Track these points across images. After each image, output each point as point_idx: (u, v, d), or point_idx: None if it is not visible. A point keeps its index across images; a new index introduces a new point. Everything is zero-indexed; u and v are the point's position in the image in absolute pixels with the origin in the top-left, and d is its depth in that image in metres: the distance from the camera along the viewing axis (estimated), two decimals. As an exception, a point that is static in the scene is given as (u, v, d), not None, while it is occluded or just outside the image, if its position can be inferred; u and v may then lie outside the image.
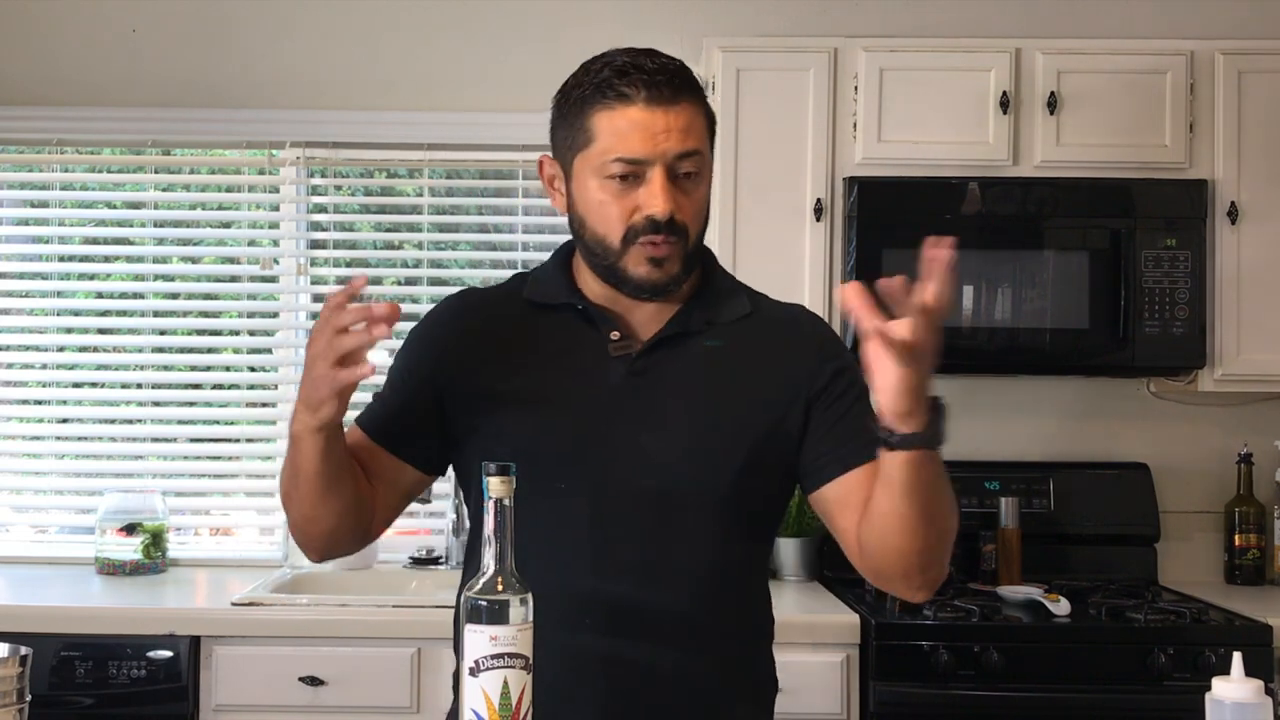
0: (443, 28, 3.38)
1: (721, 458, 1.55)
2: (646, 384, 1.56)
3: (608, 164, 1.50)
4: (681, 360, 1.58)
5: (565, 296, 1.61)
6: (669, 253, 1.52)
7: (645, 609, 1.53)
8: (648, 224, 1.50)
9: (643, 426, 1.55)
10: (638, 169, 1.50)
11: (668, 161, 1.50)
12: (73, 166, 3.47)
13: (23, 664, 1.38)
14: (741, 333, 1.62)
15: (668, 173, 1.50)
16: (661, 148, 1.49)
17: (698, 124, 1.53)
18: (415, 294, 3.46)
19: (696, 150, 1.52)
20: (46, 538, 3.43)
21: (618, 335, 1.58)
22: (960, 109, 3.00)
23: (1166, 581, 3.18)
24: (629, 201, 1.51)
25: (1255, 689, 1.30)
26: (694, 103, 1.53)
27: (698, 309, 1.61)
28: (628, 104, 1.49)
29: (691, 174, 1.52)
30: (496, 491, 1.29)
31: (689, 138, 1.51)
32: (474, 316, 1.65)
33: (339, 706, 2.67)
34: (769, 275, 2.92)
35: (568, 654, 1.51)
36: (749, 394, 1.58)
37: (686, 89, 1.52)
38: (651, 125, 1.49)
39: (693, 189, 1.53)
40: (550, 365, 1.59)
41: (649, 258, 1.52)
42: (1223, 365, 3.00)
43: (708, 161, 1.56)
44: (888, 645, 2.64)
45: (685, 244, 1.53)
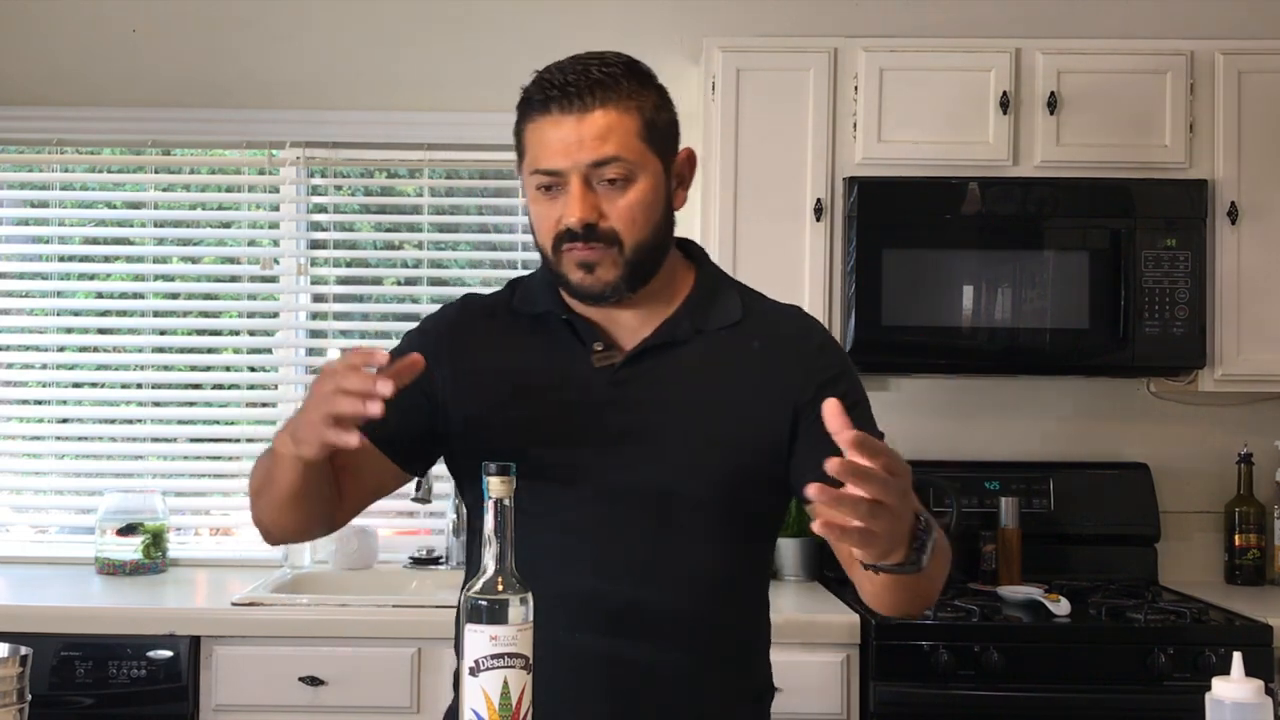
0: (443, 28, 3.38)
1: (705, 468, 1.54)
2: (629, 395, 1.56)
3: (533, 176, 1.53)
4: (665, 370, 1.57)
5: (549, 305, 1.61)
6: (597, 257, 1.52)
7: (638, 613, 1.52)
8: (566, 233, 1.51)
9: (626, 438, 1.54)
10: (557, 180, 1.51)
11: (582, 171, 1.50)
12: (73, 166, 3.47)
13: (23, 664, 1.38)
14: (732, 340, 1.60)
15: (585, 181, 1.50)
16: (574, 158, 1.50)
17: (619, 130, 1.50)
18: (415, 294, 3.46)
19: (615, 157, 1.50)
20: (46, 538, 3.43)
21: (600, 346, 1.58)
22: (960, 109, 3.00)
23: (1166, 581, 3.18)
24: (554, 211, 1.52)
25: (1255, 689, 1.30)
26: (615, 108, 1.51)
27: (685, 316, 1.60)
28: (544, 116, 1.51)
29: (616, 180, 1.51)
30: (496, 491, 1.29)
31: (605, 145, 1.49)
32: (470, 324, 1.66)
33: (339, 706, 2.67)
34: (769, 275, 2.92)
35: (564, 655, 1.51)
36: (734, 404, 1.57)
37: (604, 95, 1.50)
38: (565, 135, 1.50)
39: (618, 195, 1.51)
40: (535, 377, 1.59)
41: (577, 262, 1.53)
42: (1223, 365, 3.00)
43: (642, 167, 1.52)
44: (888, 645, 2.64)
45: (620, 250, 1.52)
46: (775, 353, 1.60)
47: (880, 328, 2.96)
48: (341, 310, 3.47)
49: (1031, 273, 2.98)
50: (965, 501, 3.13)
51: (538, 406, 1.57)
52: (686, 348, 1.58)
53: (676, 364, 1.58)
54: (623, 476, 1.53)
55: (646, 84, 1.55)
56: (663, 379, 1.57)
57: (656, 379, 1.57)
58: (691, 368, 1.58)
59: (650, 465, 1.53)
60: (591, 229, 1.50)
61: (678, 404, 1.56)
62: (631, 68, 1.55)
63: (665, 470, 1.54)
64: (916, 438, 3.27)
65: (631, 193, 1.52)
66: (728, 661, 1.59)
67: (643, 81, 1.55)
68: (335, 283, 3.44)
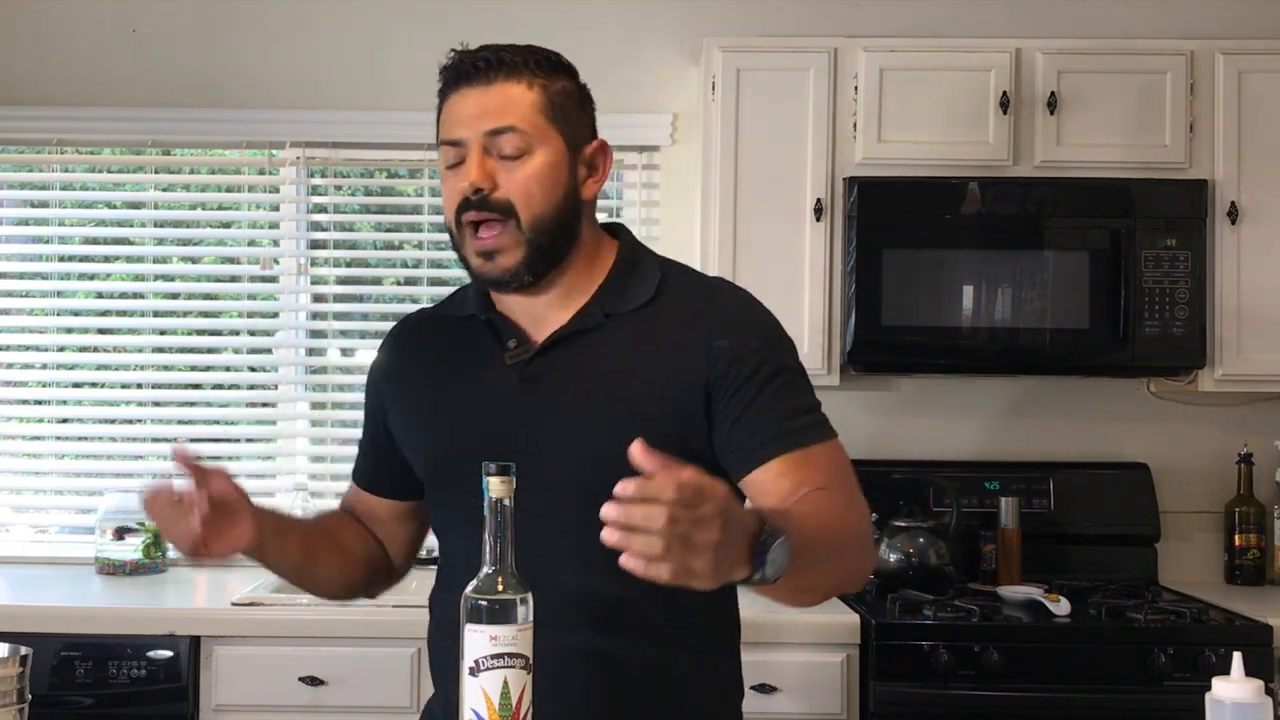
0: (443, 28, 3.37)
1: (619, 457, 1.48)
2: (537, 389, 1.56)
3: (441, 150, 1.56)
4: (575, 360, 1.56)
5: (471, 308, 1.63)
6: (497, 243, 1.52)
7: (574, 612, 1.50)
8: (462, 203, 1.52)
9: (539, 432, 1.53)
10: (459, 151, 1.54)
11: (480, 139, 1.52)
12: (73, 166, 3.47)
13: (23, 664, 1.38)
14: (643, 321, 1.57)
15: (483, 150, 1.52)
16: (474, 127, 1.52)
17: (522, 103, 1.53)
18: (415, 294, 3.45)
19: (511, 126, 1.52)
20: (46, 538, 3.42)
21: (514, 344, 1.58)
22: (960, 109, 3.00)
23: (1166, 581, 3.18)
24: (457, 182, 1.54)
25: (1255, 689, 1.30)
26: (518, 83, 1.54)
27: (596, 303, 1.58)
28: (454, 90, 1.56)
29: (514, 153, 1.52)
30: (496, 491, 1.29)
31: (505, 115, 1.52)
32: (405, 342, 1.72)
33: (339, 706, 2.67)
34: (769, 275, 2.95)
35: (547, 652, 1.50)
36: (645, 386, 1.53)
37: (508, 71, 1.54)
38: (466, 107, 1.54)
39: (516, 168, 1.52)
40: (453, 380, 1.62)
41: (477, 250, 1.54)
42: (1223, 365, 3.00)
43: (541, 140, 1.53)
44: (888, 645, 2.64)
45: (517, 224, 1.52)
46: (684, 328, 1.56)
47: (880, 328, 2.96)
48: (341, 310, 3.47)
49: (1031, 273, 2.98)
50: (965, 501, 3.13)
51: (457, 411, 1.60)
52: (597, 334, 1.57)
53: (586, 352, 1.56)
54: (542, 469, 1.50)
55: (558, 70, 1.58)
56: (572, 369, 1.56)
57: (566, 369, 1.56)
58: (601, 354, 1.56)
59: (568, 454, 1.52)
60: (484, 197, 1.51)
61: (588, 391, 1.55)
62: (547, 55, 1.58)
63: (584, 458, 1.51)
64: (916, 438, 3.28)
65: (528, 166, 1.53)
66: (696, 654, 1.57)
67: (554, 68, 1.57)
68: (335, 283, 3.44)
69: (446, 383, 1.63)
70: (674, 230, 3.28)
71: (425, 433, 1.64)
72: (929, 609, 2.70)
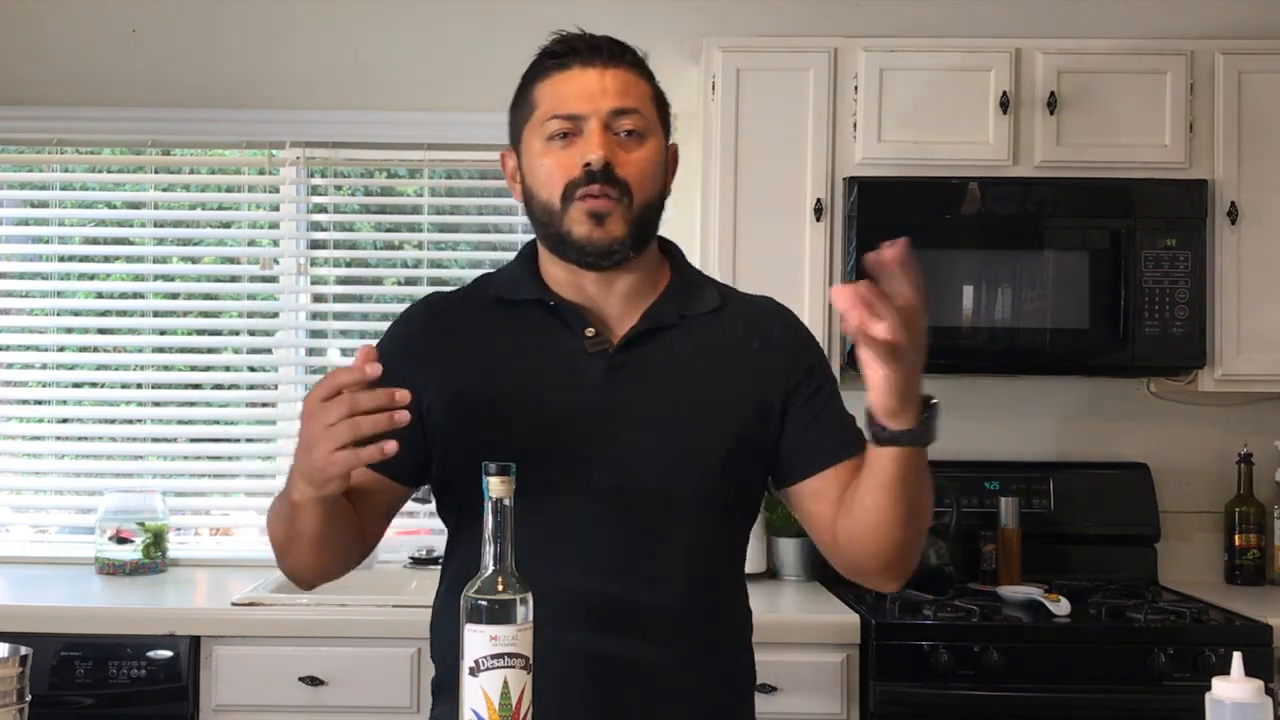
0: (442, 28, 3.38)
1: (702, 452, 1.55)
2: (624, 380, 1.55)
3: (548, 124, 1.54)
4: (657, 355, 1.57)
5: (534, 292, 1.60)
6: (608, 207, 1.51)
7: (631, 605, 1.52)
8: (584, 175, 1.51)
9: (623, 423, 1.54)
10: (575, 125, 1.53)
11: (603, 116, 1.52)
12: (73, 166, 3.47)
13: (23, 664, 1.38)
14: (714, 325, 1.61)
15: (605, 126, 1.52)
16: (597, 103, 1.52)
17: (638, 89, 1.56)
18: (415, 294, 3.43)
19: (635, 109, 1.54)
20: (46, 538, 3.43)
21: (592, 332, 1.57)
22: (960, 109, 3.00)
23: (1166, 581, 3.18)
24: (567, 158, 1.53)
25: (1255, 689, 1.30)
26: (634, 71, 1.57)
27: (669, 302, 1.60)
28: (565, 68, 1.55)
29: (633, 132, 1.53)
30: (496, 491, 1.29)
31: (627, 96, 1.54)
32: (444, 320, 1.64)
33: (339, 706, 2.67)
34: (769, 275, 2.95)
35: (552, 652, 1.50)
36: (727, 388, 1.58)
37: (625, 58, 1.56)
38: (587, 84, 1.53)
39: (635, 147, 1.54)
40: (524, 364, 1.57)
41: (588, 212, 1.51)
42: (1223, 365, 3.00)
43: (654, 129, 1.56)
44: (888, 645, 2.64)
45: (629, 204, 1.53)
46: (759, 335, 1.62)
47: (880, 328, 2.95)
48: (341, 310, 3.47)
49: (1031, 273, 2.98)
50: (965, 501, 3.13)
51: (534, 392, 1.55)
52: (673, 333, 1.59)
53: (666, 350, 1.58)
54: (620, 463, 1.52)
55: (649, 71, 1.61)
56: (655, 364, 1.57)
57: (649, 364, 1.57)
58: (681, 353, 1.58)
59: (644, 448, 1.53)
60: (609, 169, 1.51)
61: (671, 388, 1.56)
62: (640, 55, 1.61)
63: (660, 452, 1.53)
64: (916, 438, 3.27)
65: (646, 149, 1.55)
66: (713, 653, 1.58)
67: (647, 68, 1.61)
68: (335, 283, 3.44)
69: (520, 365, 1.57)
70: (674, 230, 3.20)
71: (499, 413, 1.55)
72: (929, 609, 2.70)
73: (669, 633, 1.53)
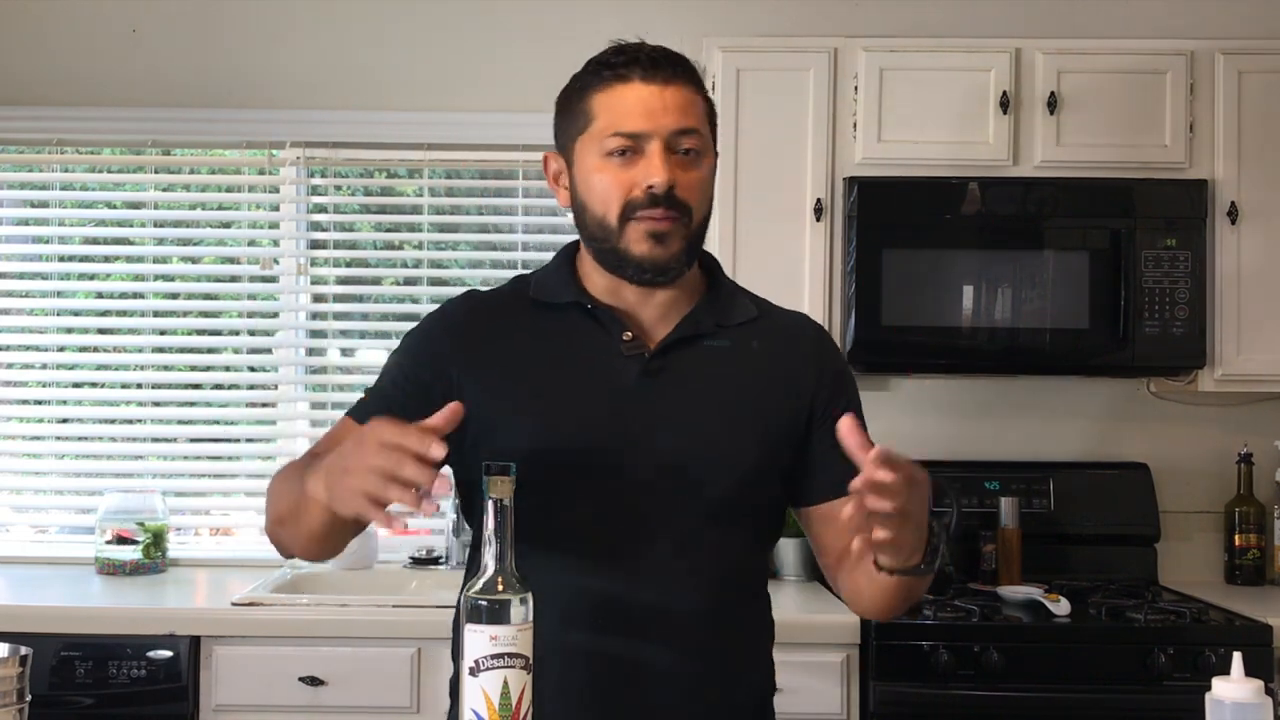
0: (443, 28, 3.38)
1: (731, 460, 1.55)
2: (660, 384, 1.56)
3: (607, 140, 1.52)
4: (693, 362, 1.58)
5: (572, 295, 1.60)
6: (670, 229, 1.51)
7: (655, 609, 1.53)
8: (647, 197, 1.50)
9: (657, 427, 1.54)
10: (636, 143, 1.51)
11: (665, 136, 1.51)
12: (73, 166, 3.47)
13: (23, 664, 1.38)
14: (749, 336, 1.62)
15: (666, 147, 1.51)
16: (660, 122, 1.50)
17: (697, 107, 1.55)
18: (415, 294, 3.46)
19: (695, 129, 1.53)
20: (46, 538, 3.42)
21: (630, 336, 1.57)
22: (960, 109, 3.00)
23: (1166, 581, 3.18)
24: (627, 177, 1.51)
25: (1255, 689, 1.30)
26: (693, 87, 1.55)
27: (707, 311, 1.61)
28: (625, 82, 1.52)
29: (691, 151, 1.53)
30: (497, 491, 1.29)
31: (688, 116, 1.52)
32: (481, 318, 1.63)
33: (339, 706, 2.67)
34: (769, 275, 2.94)
35: (576, 654, 1.51)
36: (758, 397, 1.59)
37: (685, 73, 1.55)
38: (649, 101, 1.51)
39: (693, 167, 1.53)
40: (561, 365, 1.57)
41: (649, 232, 1.51)
42: (1223, 365, 3.00)
43: (709, 147, 1.57)
44: (888, 645, 2.64)
45: (689, 223, 1.53)
46: (791, 349, 1.63)
47: (880, 328, 2.96)
48: (341, 310, 3.47)
49: (1031, 273, 2.98)
50: (965, 501, 3.13)
51: (569, 394, 1.55)
52: (710, 342, 1.60)
53: (702, 357, 1.59)
54: (651, 467, 1.53)
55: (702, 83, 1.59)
56: (691, 371, 1.57)
57: (685, 370, 1.57)
58: (717, 361, 1.59)
59: (678, 452, 1.53)
60: (671, 193, 1.50)
61: (705, 395, 1.57)
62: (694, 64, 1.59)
63: (693, 457, 1.54)
64: (916, 438, 3.27)
65: (704, 169, 1.56)
66: (733, 660, 1.59)
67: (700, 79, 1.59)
68: (335, 283, 3.44)
69: (556, 366, 1.57)
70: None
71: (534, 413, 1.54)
72: (929, 609, 2.70)
73: (684, 638, 1.54)
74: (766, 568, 1.70)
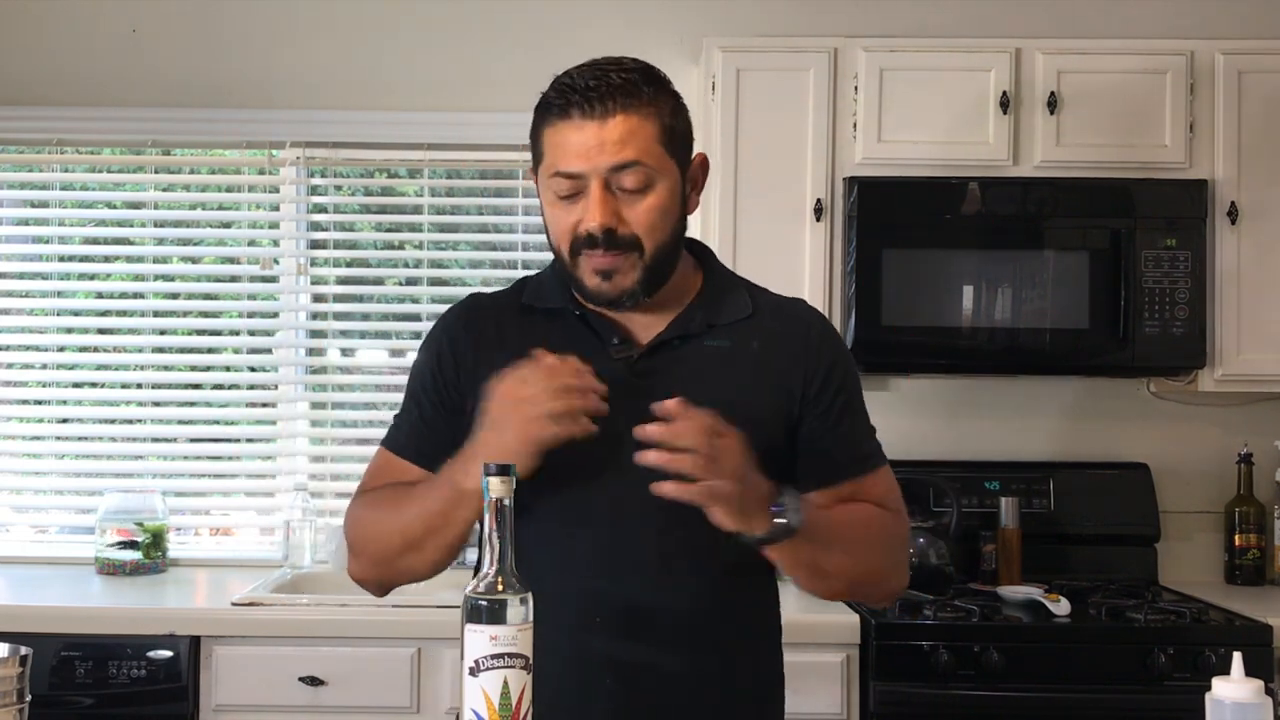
0: (442, 28, 3.38)
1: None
2: (648, 386, 1.56)
3: (551, 180, 1.54)
4: (683, 362, 1.59)
5: (563, 302, 1.62)
6: (615, 264, 1.53)
7: (655, 610, 1.53)
8: (586, 238, 1.52)
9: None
10: (577, 184, 1.52)
11: (602, 175, 1.50)
12: (73, 166, 3.47)
13: (23, 664, 1.38)
14: (742, 333, 1.62)
15: (604, 185, 1.51)
16: (594, 161, 1.50)
17: (641, 135, 1.51)
18: (416, 294, 3.46)
19: (634, 162, 1.51)
20: (46, 538, 3.43)
21: (618, 340, 1.59)
22: (960, 109, 3.00)
23: (1166, 581, 3.18)
24: (573, 215, 1.53)
25: (1255, 689, 1.30)
26: (636, 114, 1.51)
27: (699, 311, 1.62)
28: (564, 119, 1.52)
29: (636, 187, 1.52)
30: (496, 491, 1.29)
31: (625, 149, 1.50)
32: (483, 322, 1.66)
33: (339, 706, 2.67)
34: (769, 275, 2.89)
35: (576, 655, 1.51)
36: (751, 394, 1.59)
37: (625, 101, 1.51)
38: (584, 140, 1.50)
39: (638, 201, 1.52)
40: None
41: (595, 270, 1.53)
42: (1223, 365, 3.00)
43: (661, 170, 1.54)
44: (888, 645, 2.64)
45: (640, 254, 1.53)
46: (784, 342, 1.63)
47: (880, 328, 2.96)
48: (341, 310, 3.47)
49: (1031, 273, 2.98)
50: (965, 501, 3.13)
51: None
52: (700, 341, 1.60)
53: (691, 357, 1.59)
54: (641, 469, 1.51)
55: (663, 90, 1.56)
56: (679, 372, 1.58)
57: (673, 372, 1.58)
58: (706, 361, 1.59)
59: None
60: (611, 234, 1.51)
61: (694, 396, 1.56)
62: (649, 73, 1.56)
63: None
64: (916, 438, 3.27)
65: (651, 198, 1.53)
66: (737, 660, 1.59)
67: (660, 87, 1.56)
68: (335, 283, 3.44)
69: None
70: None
71: None
72: (929, 609, 2.70)
73: (685, 637, 1.54)
74: (766, 564, 1.69)
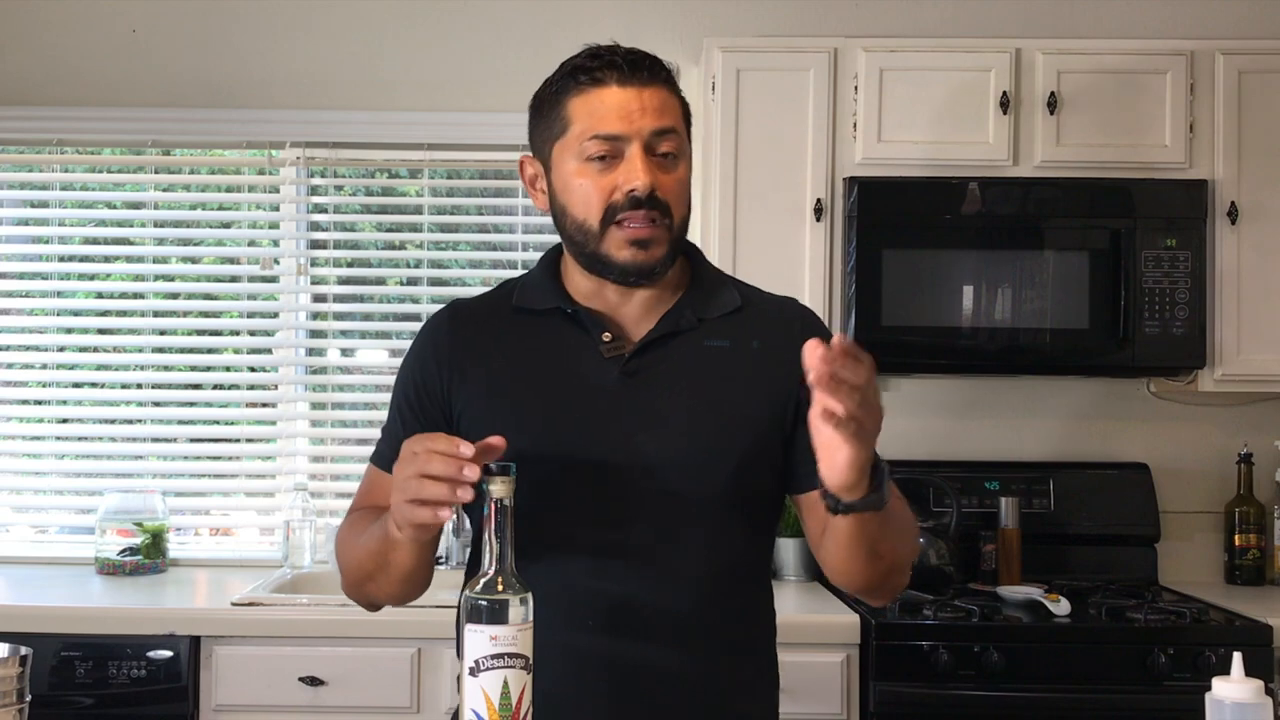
0: (443, 28, 3.38)
1: (719, 455, 1.55)
2: (640, 384, 1.56)
3: (585, 145, 1.52)
4: (674, 359, 1.58)
5: (553, 301, 1.61)
6: (652, 234, 1.52)
7: (648, 608, 1.53)
8: (628, 200, 1.51)
9: (639, 426, 1.54)
10: (615, 147, 1.51)
11: (645, 138, 1.51)
12: (73, 166, 3.47)
13: (23, 664, 1.38)
14: (732, 328, 1.62)
15: (645, 149, 1.51)
16: (638, 124, 1.51)
17: (672, 107, 1.55)
18: (416, 294, 3.46)
19: (673, 129, 1.54)
20: (46, 538, 3.43)
21: (609, 337, 1.58)
22: (960, 109, 3.00)
23: (1166, 581, 3.18)
24: (608, 181, 1.52)
25: (1255, 689, 1.30)
26: (668, 88, 1.55)
27: (687, 306, 1.61)
28: (602, 85, 1.52)
29: (670, 154, 1.53)
30: (497, 492, 1.29)
31: (665, 116, 1.53)
32: (466, 327, 1.64)
33: (339, 706, 2.68)
34: (769, 275, 2.91)
35: (571, 655, 1.51)
36: (743, 390, 1.58)
37: (660, 74, 1.55)
38: (626, 103, 1.51)
39: (672, 168, 1.54)
40: (544, 370, 1.59)
41: (631, 240, 1.52)
42: (1223, 365, 3.00)
43: (686, 148, 1.57)
44: (888, 645, 2.64)
45: (670, 225, 1.54)
46: (776, 338, 1.61)
47: (880, 328, 2.96)
48: (341, 310, 3.47)
49: (1031, 273, 2.98)
50: (965, 501, 3.13)
51: (551, 399, 1.56)
52: (690, 337, 1.60)
53: (682, 353, 1.59)
54: (636, 466, 1.53)
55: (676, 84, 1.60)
56: (671, 367, 1.58)
57: (665, 368, 1.57)
58: (697, 357, 1.59)
59: (660, 450, 1.54)
60: (654, 196, 1.51)
61: (687, 391, 1.57)
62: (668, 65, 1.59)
63: (676, 455, 1.54)
64: (916, 438, 3.28)
65: (683, 170, 1.56)
66: (732, 658, 1.59)
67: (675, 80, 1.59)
68: (335, 283, 3.44)
69: (538, 372, 1.58)
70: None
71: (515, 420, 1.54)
72: (929, 609, 2.70)
73: (680, 636, 1.54)
74: (765, 558, 1.69)
